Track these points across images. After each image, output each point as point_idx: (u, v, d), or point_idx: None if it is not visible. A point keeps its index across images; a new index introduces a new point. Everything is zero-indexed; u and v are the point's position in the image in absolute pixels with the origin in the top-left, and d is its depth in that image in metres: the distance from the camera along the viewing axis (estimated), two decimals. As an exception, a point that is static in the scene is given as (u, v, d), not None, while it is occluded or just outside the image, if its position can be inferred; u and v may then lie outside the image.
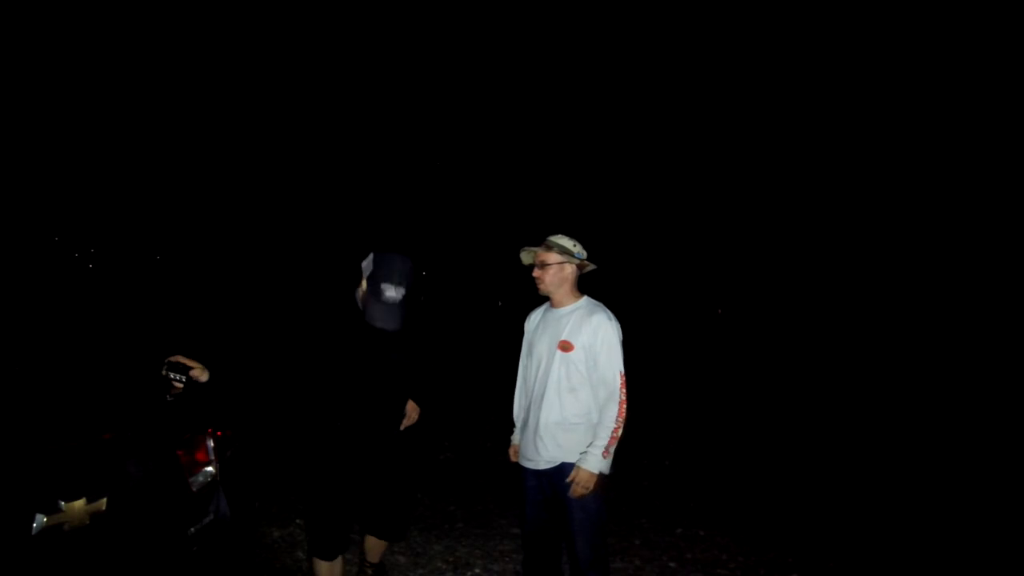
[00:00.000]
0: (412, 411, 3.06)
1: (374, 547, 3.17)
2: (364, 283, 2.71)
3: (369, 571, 3.22)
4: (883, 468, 6.41)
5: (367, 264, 2.71)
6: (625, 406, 2.70)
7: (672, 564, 4.04)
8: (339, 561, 2.85)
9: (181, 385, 2.42)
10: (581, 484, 2.66)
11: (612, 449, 2.68)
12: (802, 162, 21.67)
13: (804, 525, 4.80)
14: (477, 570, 3.77)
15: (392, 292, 2.61)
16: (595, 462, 2.66)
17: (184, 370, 2.42)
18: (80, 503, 2.17)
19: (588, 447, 2.68)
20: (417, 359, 2.99)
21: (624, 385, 2.70)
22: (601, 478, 2.72)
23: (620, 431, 2.68)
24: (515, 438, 3.00)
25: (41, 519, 2.07)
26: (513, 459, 3.01)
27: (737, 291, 23.06)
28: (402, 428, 3.01)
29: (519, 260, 2.93)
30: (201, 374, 2.44)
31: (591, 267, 2.86)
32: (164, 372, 2.43)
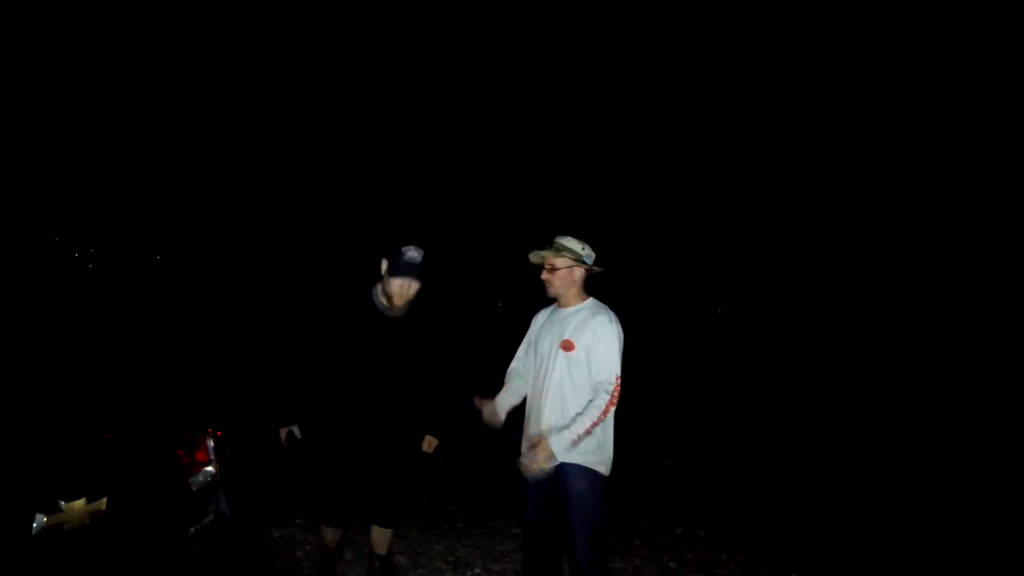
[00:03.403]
0: (430, 445, 3.22)
1: (378, 538, 3.30)
2: (385, 267, 2.99)
3: (376, 563, 3.35)
4: (883, 468, 6.41)
5: (385, 255, 3.01)
6: (612, 408, 2.67)
7: (672, 564, 4.05)
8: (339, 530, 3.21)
9: None
10: (538, 460, 2.60)
11: (582, 439, 2.62)
12: (801, 162, 21.67)
13: (804, 525, 4.80)
14: (477, 570, 3.77)
15: (413, 252, 2.97)
16: (561, 446, 2.61)
17: None
18: (80, 503, 2.17)
19: (563, 428, 2.63)
20: (431, 365, 3.14)
21: (618, 389, 2.68)
22: (599, 479, 2.72)
23: (592, 433, 2.63)
24: (498, 398, 2.96)
25: (41, 519, 2.07)
26: (487, 417, 2.94)
27: (737, 291, 23.05)
28: (425, 451, 3.21)
29: (519, 261, 2.94)
30: None
31: (599, 269, 2.87)
32: None
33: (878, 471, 6.30)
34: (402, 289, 2.95)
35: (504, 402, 2.96)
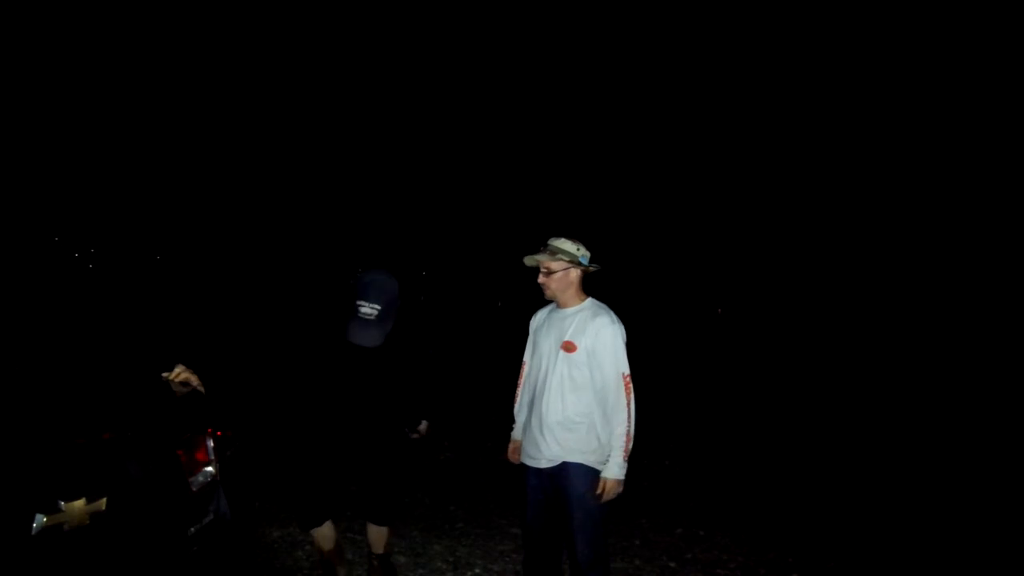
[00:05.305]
0: (423, 430, 3.12)
1: (375, 537, 3.27)
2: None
3: (375, 562, 3.32)
4: (883, 468, 6.41)
5: (353, 282, 2.77)
6: (633, 407, 2.70)
7: (672, 564, 4.04)
8: (328, 525, 3.03)
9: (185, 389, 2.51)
10: (610, 492, 2.68)
11: (629, 451, 2.72)
12: (801, 162, 21.67)
13: (804, 525, 4.80)
14: (477, 570, 3.77)
15: (367, 308, 2.67)
16: (618, 470, 2.69)
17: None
18: (80, 503, 2.17)
19: (609, 457, 2.69)
20: (407, 371, 3.03)
21: (628, 387, 2.70)
22: (600, 480, 2.72)
23: (632, 436, 2.71)
24: (515, 435, 3.00)
25: (41, 519, 2.07)
26: (512, 457, 3.00)
27: (737, 291, 23.04)
28: (413, 436, 3.10)
29: (518, 261, 2.93)
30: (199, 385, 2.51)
31: (595, 269, 2.86)
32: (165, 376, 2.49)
33: (878, 471, 6.30)
34: (358, 341, 2.68)
35: (519, 435, 2.99)
